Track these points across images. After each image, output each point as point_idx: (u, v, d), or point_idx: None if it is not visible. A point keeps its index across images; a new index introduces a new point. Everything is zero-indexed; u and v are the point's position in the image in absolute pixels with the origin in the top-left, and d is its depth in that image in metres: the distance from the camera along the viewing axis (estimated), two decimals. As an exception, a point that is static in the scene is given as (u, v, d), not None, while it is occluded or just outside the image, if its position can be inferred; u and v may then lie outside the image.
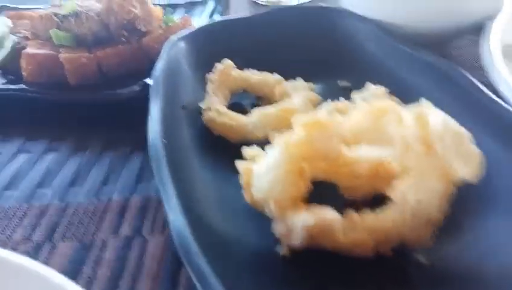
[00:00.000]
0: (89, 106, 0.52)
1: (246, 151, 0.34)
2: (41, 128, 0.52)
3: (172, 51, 0.48)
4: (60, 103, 0.52)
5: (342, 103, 0.38)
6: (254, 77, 0.47)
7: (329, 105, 0.39)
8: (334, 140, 0.30)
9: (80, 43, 0.57)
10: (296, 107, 0.39)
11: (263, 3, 0.82)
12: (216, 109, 0.42)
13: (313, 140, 0.30)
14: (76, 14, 0.55)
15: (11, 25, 0.64)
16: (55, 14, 0.58)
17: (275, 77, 0.46)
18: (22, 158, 0.48)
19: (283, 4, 0.81)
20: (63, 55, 0.52)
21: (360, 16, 0.52)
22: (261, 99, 0.48)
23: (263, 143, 0.33)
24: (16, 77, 0.56)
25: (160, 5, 0.67)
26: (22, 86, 0.54)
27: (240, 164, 0.32)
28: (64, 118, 0.53)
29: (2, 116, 0.55)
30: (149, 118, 0.39)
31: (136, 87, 0.49)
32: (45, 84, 0.54)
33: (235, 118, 0.41)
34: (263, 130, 0.40)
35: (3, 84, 0.57)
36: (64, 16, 0.56)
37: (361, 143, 0.31)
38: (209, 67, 0.48)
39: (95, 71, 0.54)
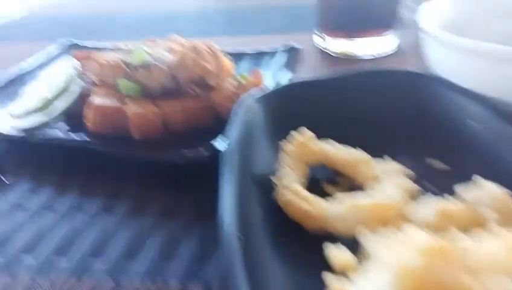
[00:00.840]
0: (150, 164, 0.48)
1: (335, 257, 0.28)
2: (98, 184, 0.49)
3: (246, 116, 0.43)
4: (120, 158, 0.49)
5: (451, 203, 0.32)
6: (337, 152, 0.41)
7: (432, 203, 0.33)
8: (459, 272, 0.24)
9: (146, 93, 0.54)
10: (392, 203, 0.33)
11: (335, 55, 0.77)
12: (294, 189, 0.37)
13: (434, 270, 0.24)
14: (146, 66, 0.53)
15: (79, 67, 0.63)
16: (125, 63, 0.55)
17: (361, 155, 0.40)
18: (75, 217, 0.45)
19: (357, 56, 0.76)
20: (130, 110, 0.49)
21: (461, 87, 0.45)
22: (339, 174, 0.43)
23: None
24: (78, 124, 0.54)
25: (228, 53, 0.64)
26: (85, 136, 0.51)
27: (330, 281, 0.27)
28: (123, 175, 0.50)
29: (60, 166, 0.53)
30: (221, 197, 0.34)
31: (203, 151, 0.45)
32: (108, 137, 0.51)
33: (316, 205, 0.35)
34: (349, 224, 0.34)
35: (65, 131, 0.55)
36: (133, 65, 0.54)
37: (491, 276, 0.24)
38: (283, 133, 0.43)
39: (160, 127, 0.50)
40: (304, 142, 0.41)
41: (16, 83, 0.70)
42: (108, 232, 0.42)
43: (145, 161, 0.47)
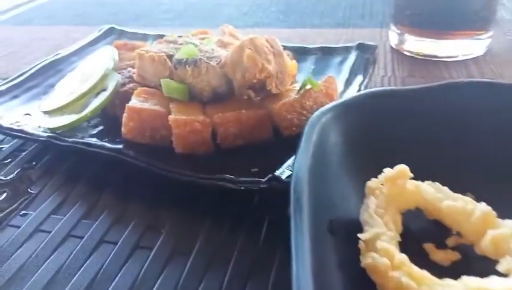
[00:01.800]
0: (191, 187, 0.39)
1: None
2: (134, 204, 0.41)
3: (320, 138, 0.34)
4: (156, 175, 0.40)
5: None
6: (440, 197, 0.31)
7: None
8: None
9: (193, 96, 0.45)
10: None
11: (411, 54, 0.65)
12: (389, 253, 0.27)
13: None
14: (194, 62, 0.44)
15: (117, 58, 0.55)
16: (169, 57, 0.47)
17: (478, 206, 0.30)
18: (103, 249, 0.37)
19: (437, 56, 0.63)
20: (172, 117, 0.41)
21: None
22: (441, 226, 0.32)
23: None
24: (112, 126, 0.47)
25: (288, 48, 0.54)
26: (118, 144, 0.43)
27: None
28: (161, 195, 0.41)
29: (89, 176, 0.45)
30: (294, 261, 0.24)
31: (262, 179, 0.36)
32: (144, 147, 0.43)
33: (426, 282, 0.25)
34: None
35: (97, 134, 0.47)
36: (179, 62, 0.45)
37: None
38: (367, 162, 0.34)
39: (208, 140, 0.42)
40: (396, 180, 0.31)
41: (52, 71, 0.64)
42: (148, 275, 0.34)
43: (186, 182, 0.38)
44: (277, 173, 0.35)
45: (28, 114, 0.53)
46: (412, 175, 0.31)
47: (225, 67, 0.43)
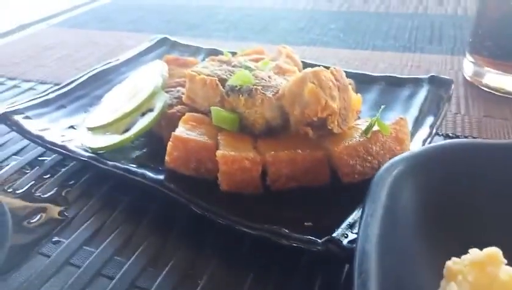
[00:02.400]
0: (235, 234, 0.35)
1: None
2: (172, 242, 0.37)
3: (391, 197, 0.28)
4: (198, 212, 0.36)
5: None
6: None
7: None
8: None
9: (243, 127, 0.41)
10: None
11: (489, 90, 0.58)
12: None
13: None
14: (249, 92, 0.40)
15: (166, 74, 0.53)
16: (222, 81, 0.43)
17: None
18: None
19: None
20: (220, 153, 0.37)
21: None
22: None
23: None
24: (156, 149, 0.43)
25: (349, 74, 0.48)
26: (160, 173, 0.40)
27: None
28: (203, 234, 0.37)
29: (128, 204, 0.42)
30: None
31: (319, 240, 0.31)
32: (188, 181, 0.39)
33: None
34: None
35: (140, 157, 0.44)
36: (232, 89, 0.41)
37: None
38: (447, 230, 0.28)
39: (257, 180, 0.37)
40: (485, 267, 0.25)
41: (101, 81, 0.62)
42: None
43: (229, 226, 0.34)
44: (336, 234, 0.30)
45: (73, 127, 0.52)
46: (505, 261, 0.25)
47: (282, 100, 0.39)
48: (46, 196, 0.44)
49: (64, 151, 0.46)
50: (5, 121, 0.51)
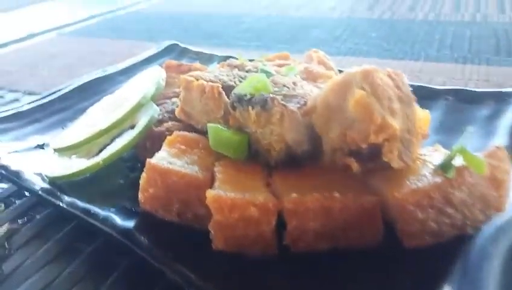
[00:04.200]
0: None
1: None
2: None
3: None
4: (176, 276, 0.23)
5: None
6: None
7: None
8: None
9: (254, 154, 0.28)
10: None
11: None
12: None
13: None
14: (263, 102, 0.27)
15: (163, 83, 0.41)
16: (227, 89, 0.30)
17: None
18: None
19: None
20: (213, 194, 0.24)
21: None
22: None
23: None
24: (134, 179, 0.31)
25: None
26: (129, 223, 0.27)
27: None
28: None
29: (90, 263, 0.29)
30: None
31: None
32: (167, 231, 0.26)
33: None
34: None
35: (110, 191, 0.32)
36: (240, 98, 0.28)
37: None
38: None
39: (270, 237, 0.24)
40: None
41: (91, 92, 0.51)
42: None
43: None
44: None
45: (40, 146, 0.40)
46: None
47: (312, 115, 0.26)
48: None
49: (16, 179, 0.34)
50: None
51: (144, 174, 0.27)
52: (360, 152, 0.25)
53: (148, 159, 0.27)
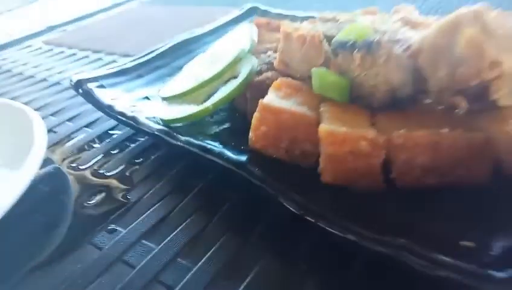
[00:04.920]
0: (345, 248, 0.24)
1: None
2: (252, 246, 0.28)
3: None
4: (290, 213, 0.26)
5: None
6: None
7: None
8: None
9: (356, 97, 0.30)
10: None
11: None
12: None
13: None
14: (368, 46, 0.28)
15: (255, 39, 0.43)
16: (328, 39, 0.32)
17: None
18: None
19: None
20: (326, 128, 0.26)
21: None
22: None
23: None
24: (238, 127, 0.34)
25: None
26: (241, 153, 0.30)
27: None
28: (295, 242, 0.27)
29: (206, 193, 0.33)
30: None
31: (492, 273, 0.19)
32: (277, 166, 0.29)
33: None
34: None
35: (220, 134, 0.35)
36: (342, 45, 0.30)
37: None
38: None
39: (377, 170, 0.26)
40: None
41: (182, 51, 0.55)
42: None
43: (339, 239, 0.23)
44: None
45: (147, 98, 0.45)
46: None
47: (419, 57, 0.27)
48: (110, 174, 0.38)
49: (134, 124, 0.39)
50: (77, 89, 0.45)
51: (256, 114, 0.29)
52: (468, 91, 0.25)
53: (261, 100, 0.29)
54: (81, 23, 0.90)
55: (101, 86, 0.46)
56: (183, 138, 0.34)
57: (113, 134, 0.44)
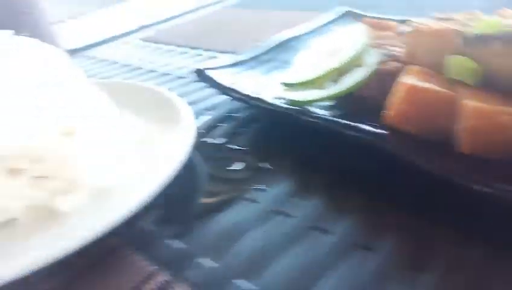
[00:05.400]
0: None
1: None
2: (392, 212, 0.32)
3: None
4: (434, 178, 0.30)
5: None
6: None
7: None
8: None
9: (486, 82, 0.34)
10: None
11: None
12: None
13: None
14: (508, 37, 0.32)
15: (371, 37, 0.47)
16: (458, 34, 0.36)
17: None
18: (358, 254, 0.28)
19: None
20: (471, 105, 0.30)
21: None
22: None
23: None
24: (367, 109, 0.39)
25: None
26: (382, 131, 0.35)
27: None
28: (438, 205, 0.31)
29: (335, 165, 0.38)
30: None
31: None
32: (413, 139, 0.33)
33: None
34: None
35: (343, 116, 0.40)
36: (480, 37, 0.34)
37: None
38: None
39: (517, 143, 0.30)
40: None
41: (285, 48, 0.60)
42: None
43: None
44: None
45: (265, 85, 0.50)
46: None
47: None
48: (244, 148, 0.43)
49: (262, 104, 0.44)
50: (200, 76, 0.51)
51: (398, 94, 0.34)
52: None
53: (404, 82, 0.34)
54: (170, 24, 0.98)
55: (221, 74, 0.52)
56: (319, 115, 0.39)
57: (236, 116, 0.49)
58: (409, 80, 0.34)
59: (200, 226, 0.32)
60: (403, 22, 0.58)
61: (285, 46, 0.61)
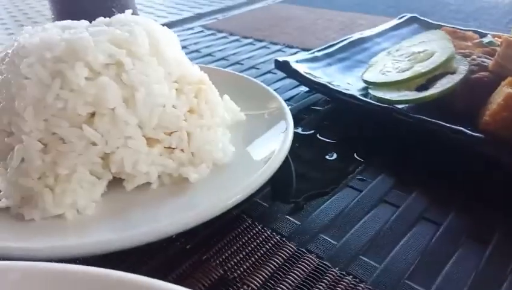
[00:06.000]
0: None
1: None
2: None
3: None
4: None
5: None
6: None
7: None
8: None
9: None
10: None
11: None
12: None
13: None
14: None
15: (454, 44, 0.50)
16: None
17: None
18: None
19: None
20: None
21: None
22: None
23: None
24: (452, 117, 0.41)
25: None
26: (479, 134, 0.38)
27: None
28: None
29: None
30: None
31: None
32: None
33: None
34: None
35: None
36: None
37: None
38: None
39: None
40: None
41: (357, 48, 0.63)
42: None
43: None
44: None
45: (348, 82, 0.53)
46: None
47: None
48: (334, 140, 0.46)
49: (356, 102, 0.46)
50: (281, 67, 0.55)
51: (500, 102, 0.37)
52: None
53: (503, 89, 0.37)
54: (227, 14, 1.00)
55: (300, 68, 0.55)
56: (413, 115, 0.42)
57: (317, 109, 0.52)
58: (509, 89, 0.37)
59: (310, 207, 0.35)
60: (480, 33, 0.61)
61: (357, 46, 0.63)
